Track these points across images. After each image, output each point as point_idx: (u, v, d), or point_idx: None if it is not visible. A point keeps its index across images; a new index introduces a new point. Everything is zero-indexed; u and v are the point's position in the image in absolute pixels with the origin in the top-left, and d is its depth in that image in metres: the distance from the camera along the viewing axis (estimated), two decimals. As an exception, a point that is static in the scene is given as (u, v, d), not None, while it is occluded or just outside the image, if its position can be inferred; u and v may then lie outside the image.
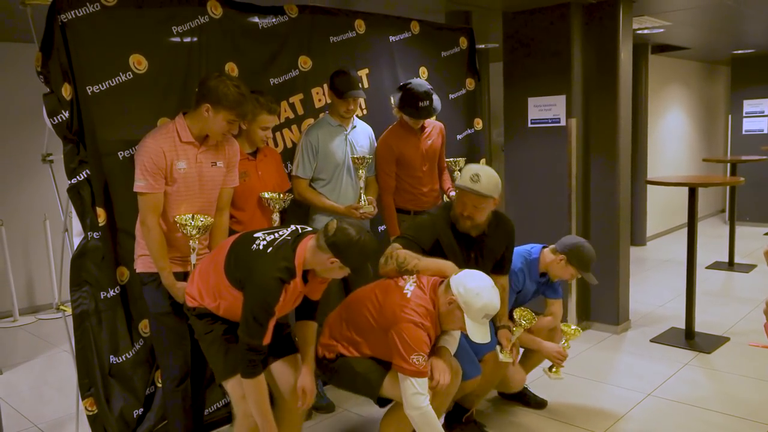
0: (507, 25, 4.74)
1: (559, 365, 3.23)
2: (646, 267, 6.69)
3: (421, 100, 3.45)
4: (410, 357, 2.39)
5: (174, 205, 2.67)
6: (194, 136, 2.67)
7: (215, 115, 2.60)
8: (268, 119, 3.02)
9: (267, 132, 3.06)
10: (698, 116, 9.31)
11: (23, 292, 5.70)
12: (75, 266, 2.77)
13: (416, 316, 2.44)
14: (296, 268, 2.33)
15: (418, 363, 2.39)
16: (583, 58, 4.55)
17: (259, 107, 2.98)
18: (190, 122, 2.66)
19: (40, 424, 3.51)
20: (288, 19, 3.44)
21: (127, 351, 2.94)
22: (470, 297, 2.42)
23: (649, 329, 4.70)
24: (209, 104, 2.59)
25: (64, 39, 2.65)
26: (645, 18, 5.34)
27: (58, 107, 2.67)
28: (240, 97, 2.60)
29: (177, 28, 3.01)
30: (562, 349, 3.23)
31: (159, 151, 2.58)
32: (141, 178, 2.59)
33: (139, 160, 2.60)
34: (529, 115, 4.70)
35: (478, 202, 2.78)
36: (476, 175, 2.75)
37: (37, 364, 4.49)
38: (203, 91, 2.60)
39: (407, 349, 2.40)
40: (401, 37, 4.04)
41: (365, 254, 2.35)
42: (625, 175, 4.62)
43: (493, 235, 2.97)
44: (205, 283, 2.49)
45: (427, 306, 2.49)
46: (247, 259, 2.37)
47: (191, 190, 2.69)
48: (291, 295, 2.40)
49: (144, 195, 2.60)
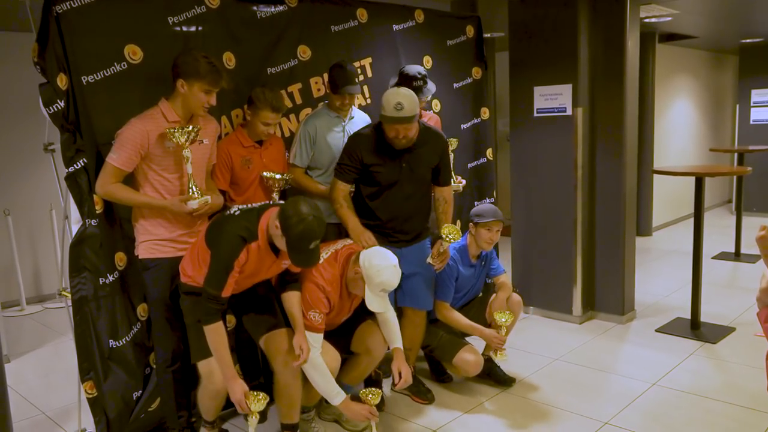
0: (513, 13, 4.70)
1: (500, 349, 3.46)
2: (651, 257, 6.67)
3: (414, 80, 3.45)
4: (308, 313, 2.76)
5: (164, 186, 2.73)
6: (180, 116, 2.72)
7: (190, 88, 2.66)
8: (269, 116, 3.02)
9: (269, 129, 3.07)
10: (705, 106, 9.23)
11: (30, 282, 5.74)
12: (74, 253, 2.80)
13: (319, 279, 2.81)
14: (258, 231, 2.54)
15: (313, 319, 2.75)
16: (589, 47, 4.52)
17: (264, 102, 2.99)
18: (172, 104, 2.72)
19: (48, 411, 3.55)
20: (287, 8, 3.42)
21: (125, 335, 2.97)
22: (372, 272, 2.74)
23: (654, 319, 4.69)
24: (182, 79, 2.66)
25: (59, 29, 2.65)
26: (653, 6, 5.28)
27: (54, 97, 2.68)
28: (209, 66, 2.65)
29: (173, 18, 3.00)
30: (500, 335, 3.45)
31: (143, 132, 2.64)
32: (116, 151, 2.65)
33: (120, 136, 2.65)
34: (535, 105, 4.67)
35: (409, 125, 3.05)
36: (399, 104, 2.98)
37: (44, 353, 4.53)
38: (175, 70, 2.67)
39: (306, 306, 2.77)
40: (405, 25, 4.01)
41: (306, 236, 2.47)
42: (632, 164, 4.60)
43: (423, 145, 3.21)
44: (193, 254, 2.69)
45: (333, 271, 2.84)
46: (220, 221, 2.63)
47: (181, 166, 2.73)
48: (258, 258, 2.58)
49: (113, 168, 2.64)
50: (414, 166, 3.21)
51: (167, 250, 2.76)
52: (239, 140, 3.11)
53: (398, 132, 3.05)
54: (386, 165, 3.16)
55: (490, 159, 4.56)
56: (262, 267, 2.67)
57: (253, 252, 2.56)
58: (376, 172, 3.16)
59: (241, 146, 3.11)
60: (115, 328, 2.93)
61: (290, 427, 2.85)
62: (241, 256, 2.52)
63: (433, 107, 4.15)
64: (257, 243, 2.55)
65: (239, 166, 3.08)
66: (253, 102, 3.03)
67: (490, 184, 4.58)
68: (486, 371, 3.65)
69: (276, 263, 2.70)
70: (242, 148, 3.10)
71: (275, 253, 2.62)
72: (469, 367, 3.45)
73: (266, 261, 2.64)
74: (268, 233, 2.56)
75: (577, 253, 4.63)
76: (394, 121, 3.01)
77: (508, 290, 3.64)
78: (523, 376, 3.75)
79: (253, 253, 2.56)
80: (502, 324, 3.45)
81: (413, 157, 3.20)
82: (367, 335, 3.10)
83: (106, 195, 2.70)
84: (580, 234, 4.63)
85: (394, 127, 3.04)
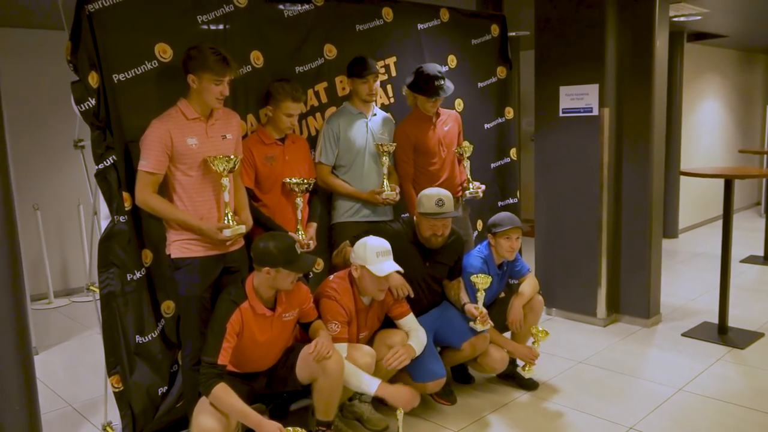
0: (539, 12, 4.66)
1: (531, 364, 3.46)
2: (678, 260, 6.57)
3: (435, 79, 3.45)
4: (328, 325, 2.87)
5: (192, 184, 2.74)
6: (198, 113, 2.75)
7: (200, 82, 2.68)
8: (291, 106, 3.06)
9: (292, 119, 3.10)
10: (734, 106, 9.07)
11: (58, 275, 5.84)
12: (102, 249, 2.84)
13: (332, 292, 2.94)
14: (246, 291, 2.67)
15: (333, 329, 2.87)
16: (617, 47, 4.46)
17: (284, 93, 3.04)
18: (190, 101, 2.74)
19: (75, 404, 3.61)
20: (313, 7, 3.44)
21: (151, 331, 3.01)
22: (359, 250, 2.92)
23: (680, 323, 4.62)
24: (191, 74, 2.68)
25: (91, 28, 2.69)
26: (682, 5, 5.20)
27: (85, 95, 2.72)
28: (215, 56, 2.65)
29: (202, 17, 3.04)
30: (533, 349, 3.44)
31: (165, 131, 2.66)
32: (144, 157, 2.67)
33: (144, 140, 2.68)
34: (561, 104, 4.62)
35: (448, 223, 3.19)
36: (440, 200, 3.12)
37: (72, 346, 4.61)
38: (185, 66, 2.69)
39: (325, 319, 2.90)
40: (430, 24, 4.00)
41: (284, 248, 2.59)
42: (659, 165, 4.53)
43: (449, 247, 3.33)
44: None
45: (343, 283, 2.99)
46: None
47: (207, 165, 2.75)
48: (255, 320, 2.67)
49: (146, 174, 2.67)
50: (436, 267, 3.33)
51: (198, 249, 2.77)
52: (261, 138, 3.15)
53: (436, 229, 3.15)
54: (409, 261, 3.17)
55: (514, 159, 4.53)
56: (265, 330, 2.72)
57: (247, 313, 2.64)
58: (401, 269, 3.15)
59: (263, 144, 3.13)
60: (142, 323, 2.97)
61: (325, 424, 2.85)
62: (233, 319, 2.60)
63: (457, 106, 4.14)
64: (248, 303, 2.65)
65: (261, 163, 3.10)
66: (273, 96, 3.07)
67: (514, 185, 4.55)
68: (509, 374, 3.63)
69: (277, 321, 2.75)
70: (264, 145, 3.13)
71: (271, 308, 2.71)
72: (495, 364, 3.43)
73: (264, 323, 2.71)
74: (255, 290, 2.66)
75: (602, 255, 4.58)
76: (435, 217, 3.11)
77: (534, 290, 3.56)
78: (546, 379, 3.72)
79: (248, 314, 2.65)
80: (538, 338, 3.44)
81: (436, 257, 3.31)
82: (387, 335, 3.14)
83: (146, 206, 2.71)
84: (605, 235, 4.57)
85: (434, 224, 3.13)
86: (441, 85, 3.46)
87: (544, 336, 3.46)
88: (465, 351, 3.34)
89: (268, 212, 3.13)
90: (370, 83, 3.38)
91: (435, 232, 3.16)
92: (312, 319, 2.90)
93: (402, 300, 3.18)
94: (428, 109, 3.56)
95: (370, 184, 3.45)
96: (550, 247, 4.85)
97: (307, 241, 3.15)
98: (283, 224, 3.13)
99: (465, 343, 3.32)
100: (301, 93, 3.13)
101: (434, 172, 3.60)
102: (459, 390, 3.57)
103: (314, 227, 3.27)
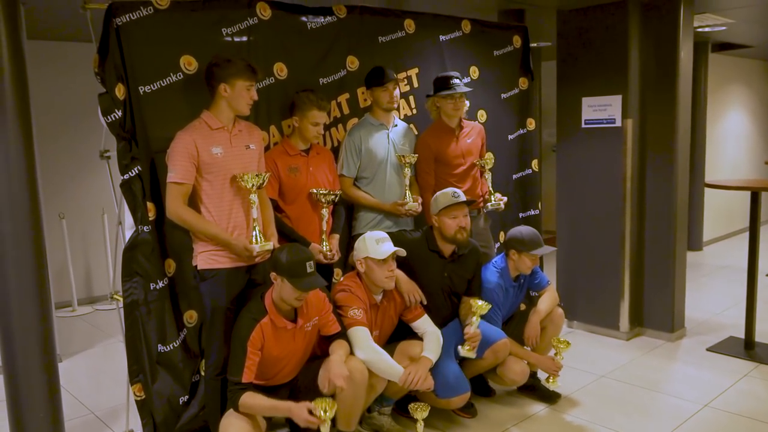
0: (562, 22, 4.65)
1: (555, 376, 3.44)
2: (702, 273, 6.47)
3: (450, 78, 3.49)
4: (348, 312, 2.92)
5: (218, 193, 2.76)
6: (222, 123, 2.78)
7: (232, 89, 2.72)
8: (317, 115, 3.09)
9: (319, 128, 3.12)
10: (760, 117, 8.93)
11: (82, 283, 5.92)
12: (126, 258, 2.88)
13: (345, 287, 3.02)
14: (265, 306, 2.68)
15: (354, 315, 2.92)
16: (640, 57, 4.43)
17: (309, 103, 3.07)
18: (213, 112, 2.78)
19: (97, 411, 3.64)
20: (336, 19, 3.46)
21: (173, 341, 3.03)
22: (359, 245, 3.02)
23: (705, 337, 4.54)
24: (223, 83, 2.72)
25: (119, 41, 2.74)
26: (707, 15, 5.15)
27: (112, 106, 2.77)
28: (243, 62, 2.73)
29: (226, 30, 3.07)
30: (556, 361, 3.42)
31: (190, 141, 2.69)
32: (172, 168, 2.70)
33: (170, 152, 2.71)
34: (583, 116, 4.59)
35: (466, 211, 3.23)
36: (455, 193, 3.21)
37: (94, 353, 4.66)
38: (212, 79, 2.74)
39: (344, 308, 2.94)
40: (452, 36, 4.00)
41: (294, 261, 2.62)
42: (683, 177, 4.48)
43: (467, 257, 3.34)
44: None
45: (354, 279, 3.06)
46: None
47: (233, 173, 2.76)
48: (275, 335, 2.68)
49: (174, 185, 2.69)
50: (454, 277, 3.33)
51: (225, 261, 2.79)
52: (285, 149, 3.17)
53: (460, 221, 3.18)
54: (428, 270, 3.25)
55: (536, 170, 4.50)
56: (286, 342, 2.74)
57: (267, 328, 2.66)
58: (419, 278, 3.22)
59: (287, 155, 3.15)
60: (164, 332, 2.99)
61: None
62: (254, 336, 2.62)
63: (479, 117, 4.13)
64: (268, 317, 2.66)
65: (285, 174, 3.12)
66: (298, 106, 3.10)
67: (536, 196, 4.52)
68: (530, 386, 3.59)
69: (299, 332, 2.76)
70: (288, 156, 3.15)
71: (292, 320, 2.72)
72: (515, 376, 3.39)
73: (285, 336, 2.72)
74: (274, 303, 2.68)
75: (625, 267, 4.53)
76: (455, 206, 3.16)
77: (553, 304, 3.55)
78: (567, 392, 3.67)
79: (268, 329, 2.67)
80: (560, 350, 3.41)
81: (455, 267, 3.32)
82: (408, 346, 3.13)
83: (177, 218, 2.72)
84: (628, 247, 4.52)
85: (456, 215, 3.17)
86: (459, 83, 3.48)
87: (566, 347, 3.42)
88: (487, 359, 3.31)
89: (291, 223, 3.15)
90: (390, 90, 3.39)
91: (460, 225, 3.17)
92: (332, 331, 2.89)
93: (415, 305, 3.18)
94: (450, 114, 3.55)
95: (392, 196, 3.45)
96: (572, 259, 4.81)
97: (333, 253, 3.16)
98: (306, 235, 3.14)
99: (487, 351, 3.29)
100: (326, 102, 3.16)
101: (455, 184, 3.59)
102: (479, 402, 3.54)
103: (337, 239, 3.28)
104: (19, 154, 2.69)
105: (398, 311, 3.21)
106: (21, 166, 2.70)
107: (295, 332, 2.75)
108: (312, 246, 3.10)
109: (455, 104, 3.51)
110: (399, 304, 3.19)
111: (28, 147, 2.73)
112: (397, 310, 3.20)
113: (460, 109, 3.55)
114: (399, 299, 3.18)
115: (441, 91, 3.50)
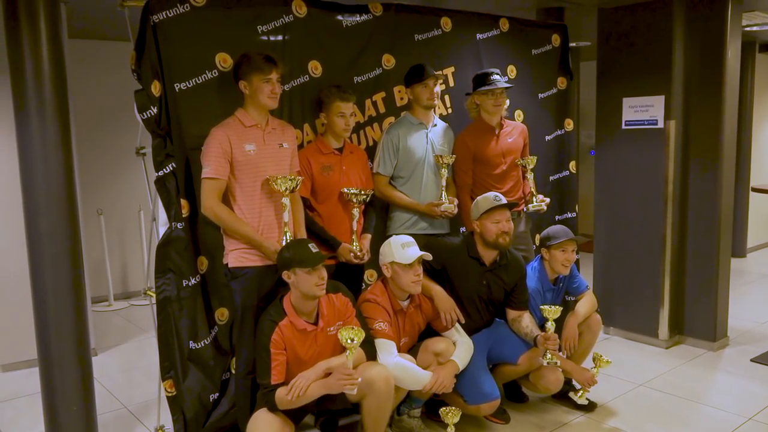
0: (603, 21, 4.53)
1: (585, 390, 3.33)
2: (746, 280, 6.25)
3: (490, 74, 3.43)
4: (374, 325, 2.90)
5: (249, 191, 2.76)
6: (255, 120, 2.79)
7: (250, 84, 2.74)
8: (342, 105, 3.07)
9: (346, 119, 3.09)
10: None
11: (118, 279, 6.01)
12: (160, 254, 2.89)
13: (370, 295, 2.99)
14: (283, 308, 2.68)
15: (380, 328, 2.89)
16: (685, 57, 4.29)
17: (332, 96, 3.07)
18: (245, 110, 2.80)
19: (130, 406, 3.67)
20: (372, 17, 3.43)
21: (204, 338, 3.04)
22: (385, 249, 2.99)
23: (749, 347, 4.37)
24: (242, 80, 2.74)
25: (155, 38, 2.76)
26: (755, 14, 4.97)
27: (148, 103, 2.79)
28: (259, 56, 2.74)
29: (262, 27, 3.07)
30: (593, 376, 3.29)
31: (224, 137, 2.71)
32: (206, 164, 2.71)
33: (205, 148, 2.73)
34: (624, 117, 4.47)
35: (509, 215, 3.15)
36: (497, 196, 3.16)
37: (128, 348, 4.72)
38: (235, 77, 2.77)
39: (370, 320, 2.91)
40: (489, 34, 3.94)
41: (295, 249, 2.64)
42: (729, 181, 4.32)
43: (509, 266, 3.25)
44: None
45: (379, 286, 3.04)
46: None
47: (266, 171, 2.77)
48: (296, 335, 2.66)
49: (209, 181, 2.70)
50: (492, 285, 3.24)
51: (255, 259, 2.79)
52: (319, 148, 3.15)
53: (503, 226, 3.10)
54: (467, 276, 3.18)
55: (573, 172, 4.40)
56: (309, 345, 2.71)
57: (287, 330, 2.65)
58: (457, 285, 3.17)
59: (321, 153, 3.14)
60: (195, 329, 3.00)
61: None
62: (274, 338, 2.62)
63: (516, 117, 4.06)
64: (288, 319, 2.66)
65: (318, 172, 3.10)
66: (323, 101, 3.10)
67: (573, 198, 4.42)
68: (565, 393, 3.50)
69: (321, 335, 2.73)
70: (322, 155, 3.13)
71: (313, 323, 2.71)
72: (549, 385, 3.31)
73: (307, 338, 2.70)
74: (293, 305, 2.68)
75: (666, 273, 4.39)
76: (497, 209, 3.09)
77: (592, 308, 3.45)
78: (604, 401, 3.57)
79: (288, 330, 2.65)
80: (600, 365, 3.33)
81: (494, 276, 3.24)
82: (433, 342, 3.07)
83: (212, 214, 2.74)
84: (669, 253, 4.38)
85: (498, 220, 3.10)
86: (498, 79, 3.43)
87: (606, 364, 3.33)
88: (521, 365, 3.25)
89: (322, 222, 3.13)
90: (430, 87, 3.33)
91: (502, 229, 3.10)
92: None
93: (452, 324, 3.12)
94: (491, 111, 3.47)
95: (429, 196, 3.39)
96: (611, 264, 4.69)
97: (363, 253, 3.13)
98: (337, 235, 3.11)
99: (521, 357, 3.23)
100: (350, 93, 3.13)
101: (493, 184, 3.52)
102: (513, 409, 3.46)
103: (369, 239, 3.24)
104: (57, 152, 2.73)
105: (426, 318, 3.15)
106: (58, 163, 2.73)
107: (316, 334, 2.73)
108: (343, 246, 3.08)
109: (496, 100, 3.44)
110: (427, 311, 3.14)
111: (66, 144, 2.77)
112: (425, 317, 3.15)
113: (501, 106, 3.48)
114: (427, 306, 3.13)
115: (481, 87, 3.43)
